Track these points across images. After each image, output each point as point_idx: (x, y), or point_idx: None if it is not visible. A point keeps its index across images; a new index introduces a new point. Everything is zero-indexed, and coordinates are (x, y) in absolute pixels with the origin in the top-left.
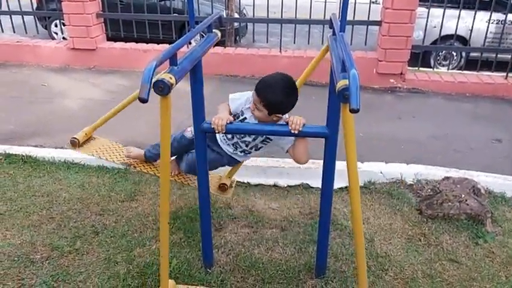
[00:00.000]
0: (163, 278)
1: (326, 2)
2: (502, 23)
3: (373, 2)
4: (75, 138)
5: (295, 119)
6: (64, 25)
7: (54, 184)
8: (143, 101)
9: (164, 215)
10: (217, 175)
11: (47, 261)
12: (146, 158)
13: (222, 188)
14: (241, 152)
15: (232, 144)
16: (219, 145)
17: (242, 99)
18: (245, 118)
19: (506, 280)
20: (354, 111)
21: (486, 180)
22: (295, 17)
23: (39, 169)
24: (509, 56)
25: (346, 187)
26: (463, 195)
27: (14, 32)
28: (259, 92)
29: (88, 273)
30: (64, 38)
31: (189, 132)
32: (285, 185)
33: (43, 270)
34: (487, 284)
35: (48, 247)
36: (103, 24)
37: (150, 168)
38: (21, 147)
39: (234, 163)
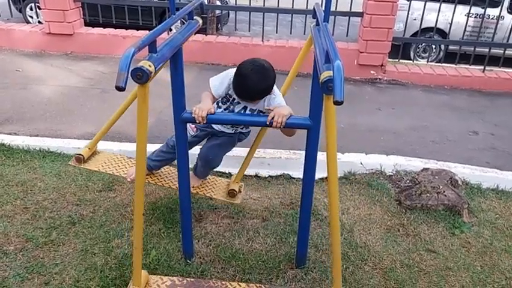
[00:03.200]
0: (136, 268)
1: None
2: (480, 17)
3: None
4: (80, 154)
5: (276, 116)
6: (40, 8)
7: (29, 173)
8: (120, 89)
9: (139, 206)
10: (224, 180)
11: (21, 253)
12: (151, 169)
13: (231, 194)
14: (241, 128)
15: (231, 126)
16: (222, 131)
17: (225, 82)
18: (234, 98)
19: (481, 270)
20: (338, 103)
21: (463, 171)
22: (278, 6)
23: (13, 157)
24: (487, 50)
25: (326, 177)
26: (441, 187)
27: None
28: (241, 97)
29: (64, 264)
30: (39, 22)
31: (193, 129)
32: (267, 176)
33: (17, 262)
34: (462, 274)
35: (22, 238)
36: (81, 8)
37: (159, 180)
38: None
39: (243, 138)
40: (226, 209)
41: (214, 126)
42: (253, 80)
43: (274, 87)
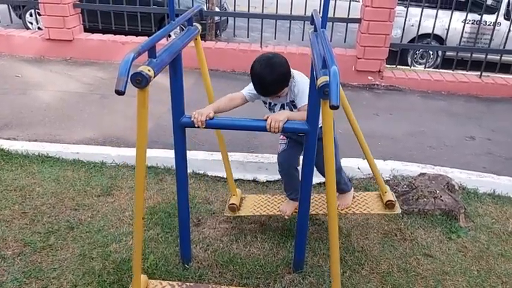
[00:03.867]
0: (136, 272)
1: None
2: (477, 23)
3: (353, 0)
4: (233, 204)
5: (273, 122)
6: (39, 15)
7: (28, 178)
8: (120, 93)
9: (139, 210)
10: (372, 194)
11: (18, 257)
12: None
13: (390, 205)
14: None
15: None
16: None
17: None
18: (270, 103)
19: (477, 274)
20: (334, 107)
21: (460, 176)
22: (276, 12)
23: (12, 162)
24: (484, 56)
25: (324, 182)
26: (438, 191)
27: None
28: (263, 94)
29: (62, 269)
30: (39, 28)
31: (282, 143)
32: (265, 180)
33: (15, 267)
34: (459, 278)
35: (20, 243)
36: (80, 14)
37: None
38: None
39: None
40: (224, 214)
41: None
42: (264, 74)
43: (295, 72)
